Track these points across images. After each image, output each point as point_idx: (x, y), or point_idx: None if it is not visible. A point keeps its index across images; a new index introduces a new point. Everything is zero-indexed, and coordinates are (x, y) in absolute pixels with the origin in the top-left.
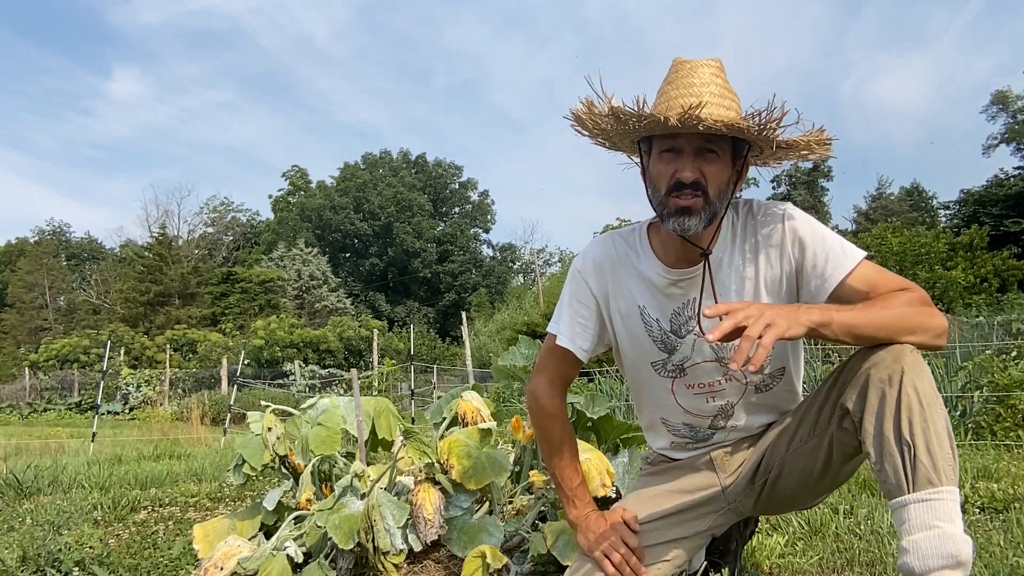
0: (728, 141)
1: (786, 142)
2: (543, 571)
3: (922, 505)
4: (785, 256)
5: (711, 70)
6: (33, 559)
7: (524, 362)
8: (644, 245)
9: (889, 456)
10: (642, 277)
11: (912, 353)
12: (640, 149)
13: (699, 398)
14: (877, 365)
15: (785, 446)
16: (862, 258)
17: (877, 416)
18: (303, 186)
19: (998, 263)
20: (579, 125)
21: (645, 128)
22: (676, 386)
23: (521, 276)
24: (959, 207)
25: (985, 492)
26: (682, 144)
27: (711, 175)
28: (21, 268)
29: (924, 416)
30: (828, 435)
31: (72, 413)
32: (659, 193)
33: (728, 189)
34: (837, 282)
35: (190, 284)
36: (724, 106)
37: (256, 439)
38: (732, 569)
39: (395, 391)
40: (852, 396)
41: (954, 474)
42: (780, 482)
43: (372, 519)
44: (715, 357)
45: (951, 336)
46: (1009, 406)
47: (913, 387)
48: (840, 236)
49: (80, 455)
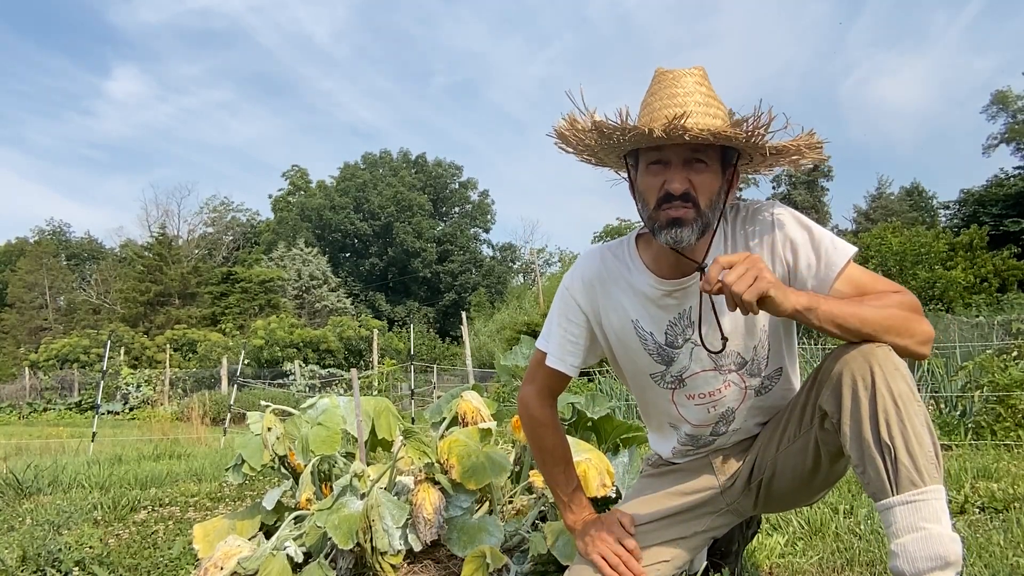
0: (717, 150)
1: (776, 148)
2: (543, 571)
3: (907, 507)
4: (778, 260)
5: (694, 79)
6: (33, 559)
7: (526, 362)
8: (635, 258)
9: (870, 460)
10: (635, 291)
11: (884, 351)
12: (627, 163)
13: (700, 408)
14: (848, 364)
15: (776, 447)
16: (853, 253)
17: (853, 419)
18: (303, 186)
19: (998, 263)
20: (563, 142)
21: (630, 141)
22: (677, 397)
23: (521, 276)
24: (959, 207)
25: (985, 492)
26: (669, 156)
27: (701, 185)
28: (21, 268)
29: (900, 416)
30: (812, 435)
31: (72, 413)
32: (648, 207)
33: (719, 199)
34: (832, 280)
35: (190, 284)
36: (709, 114)
37: (256, 439)
38: (733, 569)
39: (395, 391)
40: (828, 398)
41: (937, 471)
42: (775, 482)
43: (371, 519)
44: (714, 366)
45: (951, 336)
46: (1009, 406)
47: (887, 387)
48: (829, 232)
49: (80, 455)
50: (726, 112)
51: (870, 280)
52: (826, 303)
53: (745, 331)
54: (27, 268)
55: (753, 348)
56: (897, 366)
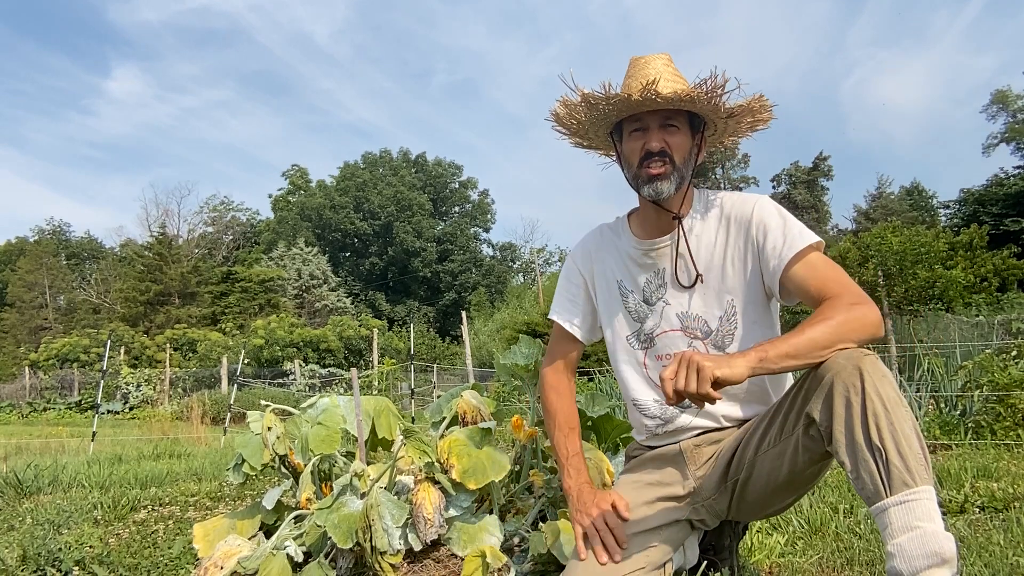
0: (685, 116)
1: (732, 110)
2: (543, 570)
3: (901, 507)
4: (750, 238)
5: (662, 60)
6: (33, 558)
7: (525, 361)
8: (624, 227)
9: (864, 463)
10: (620, 253)
11: (871, 358)
12: (613, 140)
13: None
14: (839, 374)
15: (754, 449)
16: (814, 241)
17: (846, 425)
18: (303, 185)
19: (998, 262)
20: (558, 123)
21: (614, 109)
22: (647, 358)
23: (521, 275)
24: (959, 206)
25: (985, 492)
26: (647, 122)
27: (675, 145)
28: (21, 267)
29: (890, 419)
30: (793, 441)
31: (72, 412)
32: (632, 167)
33: (692, 157)
34: (789, 259)
35: (190, 283)
36: (677, 83)
37: (256, 438)
38: (730, 567)
39: (395, 390)
40: (817, 406)
41: (927, 472)
42: (750, 484)
43: (371, 519)
44: (680, 326)
45: (951, 335)
46: (1009, 405)
47: (876, 392)
48: (803, 226)
49: (80, 454)
50: (690, 86)
51: (830, 272)
52: (773, 347)
53: (715, 294)
54: (27, 268)
55: (719, 319)
56: (884, 373)
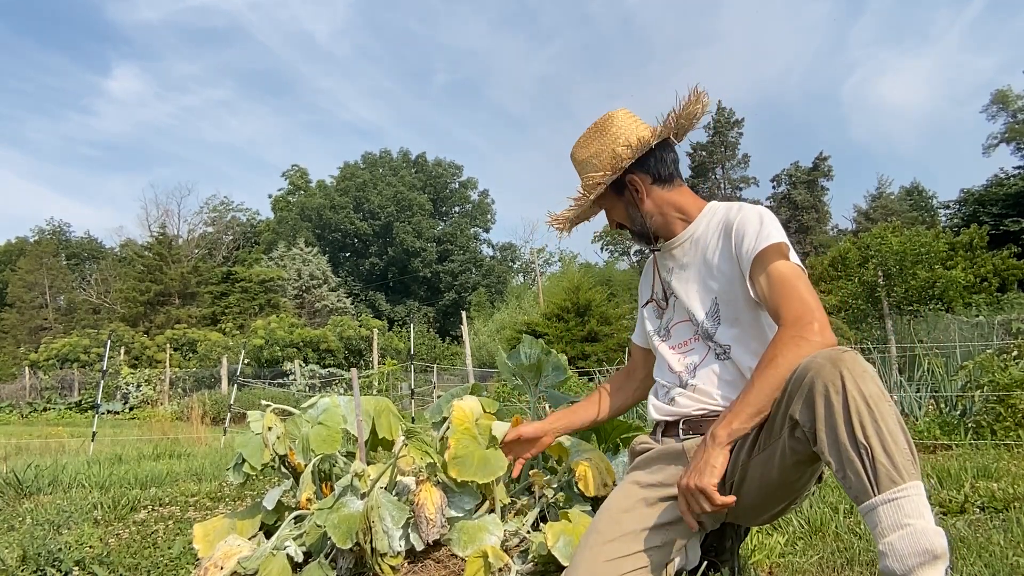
0: (609, 190)
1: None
2: (544, 571)
3: (890, 505)
4: (733, 242)
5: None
6: (33, 558)
7: (528, 361)
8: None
9: (849, 462)
10: (650, 265)
11: (851, 355)
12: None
13: (677, 356)
14: (819, 373)
15: (747, 453)
16: (779, 242)
17: (828, 424)
18: (303, 185)
19: (998, 262)
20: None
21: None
22: (667, 349)
23: (521, 276)
24: (959, 206)
25: (985, 492)
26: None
27: (618, 217)
28: (21, 268)
29: (873, 416)
30: (781, 444)
31: (72, 412)
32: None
33: (635, 210)
34: (750, 263)
35: (190, 284)
36: (592, 171)
37: (256, 438)
38: (731, 568)
39: (395, 390)
40: (799, 407)
41: (914, 468)
42: (744, 487)
43: (371, 520)
44: (687, 317)
45: (951, 335)
46: (1009, 405)
47: (857, 389)
48: (779, 231)
49: (80, 454)
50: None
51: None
52: (735, 416)
53: (705, 291)
54: (27, 268)
55: (705, 314)
56: (865, 369)
